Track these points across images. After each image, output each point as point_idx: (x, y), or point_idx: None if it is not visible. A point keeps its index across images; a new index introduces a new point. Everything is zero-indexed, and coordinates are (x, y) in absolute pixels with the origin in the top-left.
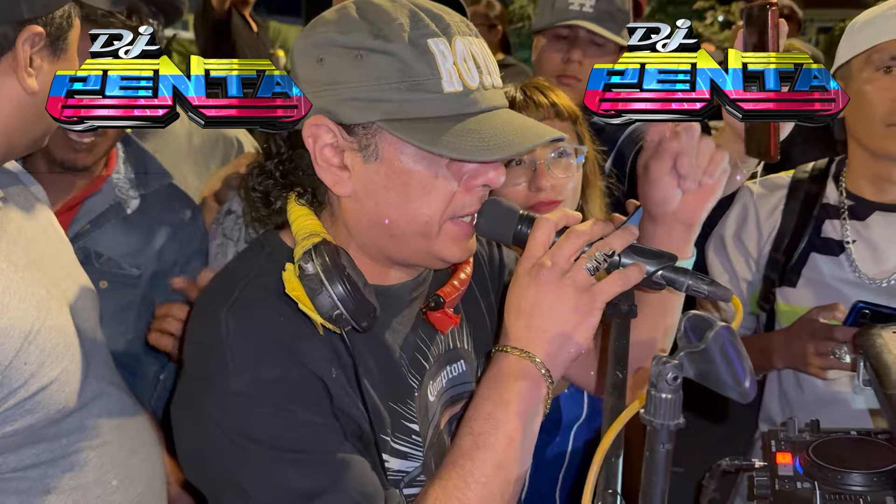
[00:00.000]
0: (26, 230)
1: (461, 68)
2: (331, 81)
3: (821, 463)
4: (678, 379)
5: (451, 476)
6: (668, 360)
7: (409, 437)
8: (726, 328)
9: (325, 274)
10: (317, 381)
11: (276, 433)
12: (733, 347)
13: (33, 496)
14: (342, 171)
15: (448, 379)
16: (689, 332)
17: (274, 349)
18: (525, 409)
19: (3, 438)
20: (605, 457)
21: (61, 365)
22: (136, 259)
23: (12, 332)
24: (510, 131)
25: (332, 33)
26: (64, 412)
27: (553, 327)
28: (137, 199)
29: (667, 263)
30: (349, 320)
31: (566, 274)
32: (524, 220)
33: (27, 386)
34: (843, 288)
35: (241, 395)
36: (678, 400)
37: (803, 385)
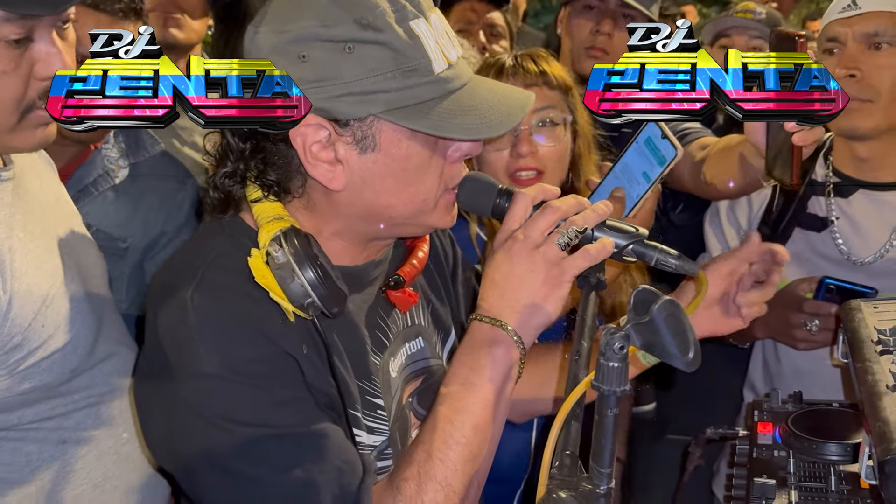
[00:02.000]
0: (40, 200)
1: (441, 45)
2: (319, 78)
3: (798, 433)
4: (624, 349)
5: (433, 439)
6: (616, 330)
7: (374, 413)
8: (670, 301)
9: (296, 262)
10: (288, 358)
11: (254, 411)
12: (677, 319)
13: (50, 445)
14: (335, 166)
15: (408, 355)
16: (637, 305)
17: (243, 330)
18: (499, 374)
19: (22, 394)
20: (565, 421)
21: (75, 327)
22: (123, 230)
23: (30, 297)
24: (500, 102)
25: (312, 28)
26: (77, 371)
27: (524, 297)
28: (126, 169)
29: (636, 239)
30: (320, 307)
31: (538, 247)
32: (503, 194)
33: (45, 346)
34: (823, 264)
35: (214, 377)
36: (624, 368)
37: (780, 356)
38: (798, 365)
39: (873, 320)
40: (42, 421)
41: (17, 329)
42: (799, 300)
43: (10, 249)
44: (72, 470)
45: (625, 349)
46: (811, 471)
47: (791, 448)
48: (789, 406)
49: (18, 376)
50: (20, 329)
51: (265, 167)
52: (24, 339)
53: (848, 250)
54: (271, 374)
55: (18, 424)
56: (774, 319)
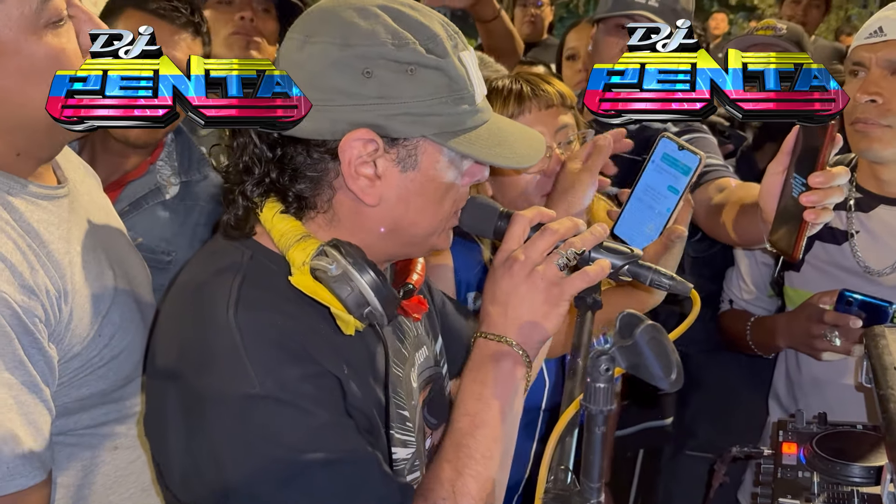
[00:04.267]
0: (91, 214)
1: (478, 78)
2: (381, 96)
3: (822, 454)
4: (610, 370)
5: (460, 455)
6: (602, 352)
7: (404, 425)
8: (652, 325)
9: (356, 269)
10: (332, 377)
11: (303, 436)
12: (659, 342)
13: (103, 451)
14: (374, 181)
15: (419, 364)
16: (622, 328)
17: (291, 348)
18: (508, 387)
19: (79, 401)
20: (560, 436)
21: (128, 337)
22: (169, 244)
23: (89, 309)
24: (521, 136)
25: (383, 47)
26: (129, 378)
27: (526, 315)
28: (177, 186)
29: (632, 259)
30: (380, 312)
31: (538, 267)
32: (503, 217)
33: (101, 355)
34: (842, 275)
35: (266, 399)
36: (611, 388)
37: (801, 366)
38: (817, 375)
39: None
40: (97, 426)
41: (77, 340)
42: (819, 312)
43: (70, 264)
44: (123, 475)
45: (610, 371)
46: (835, 492)
47: (815, 469)
48: (814, 427)
49: (77, 383)
50: (80, 340)
51: (294, 178)
52: (83, 348)
53: (866, 262)
54: (319, 395)
55: (75, 429)
56: (797, 330)
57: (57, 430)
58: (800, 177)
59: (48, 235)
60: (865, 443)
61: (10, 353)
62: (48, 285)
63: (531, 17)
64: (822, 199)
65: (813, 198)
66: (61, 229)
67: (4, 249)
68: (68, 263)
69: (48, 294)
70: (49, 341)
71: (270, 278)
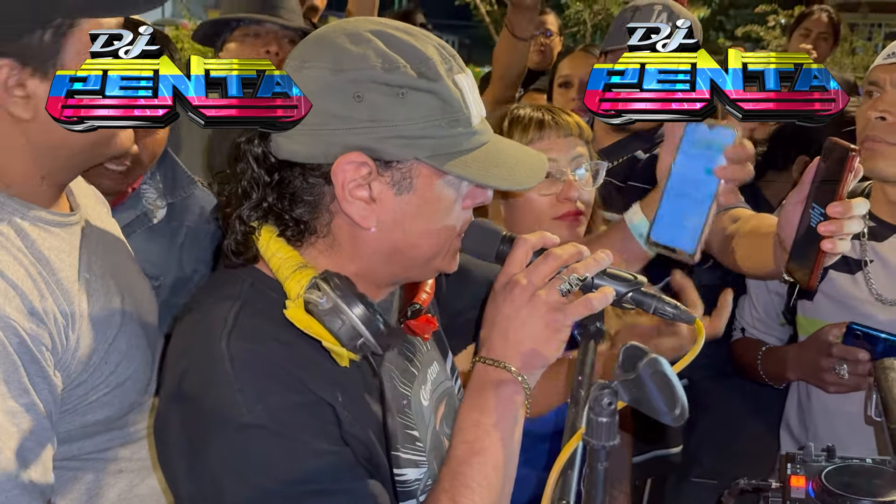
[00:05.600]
0: (101, 241)
1: (475, 101)
2: (372, 119)
3: (831, 488)
4: (612, 405)
5: (456, 485)
6: (605, 385)
7: (413, 445)
8: (655, 358)
9: (346, 303)
10: (326, 405)
11: (294, 466)
12: (663, 375)
13: (108, 475)
14: (370, 204)
15: (432, 380)
16: (624, 361)
17: (283, 377)
18: (508, 414)
19: (83, 427)
20: (562, 469)
21: (134, 364)
22: (157, 268)
23: (96, 336)
24: (522, 158)
25: (372, 71)
26: (135, 405)
27: (526, 341)
28: (164, 209)
29: (635, 287)
30: (372, 345)
31: (540, 292)
32: (506, 241)
33: (107, 382)
34: (857, 305)
35: (254, 427)
36: (613, 423)
37: (812, 396)
38: (827, 405)
39: None
40: (101, 451)
41: (82, 367)
42: (828, 345)
43: (79, 291)
44: (127, 498)
45: (613, 405)
46: None
47: (824, 503)
48: (822, 460)
49: (82, 410)
50: (86, 367)
51: (292, 203)
52: (89, 376)
53: (879, 291)
54: (311, 425)
55: (79, 455)
56: (806, 363)
57: (61, 456)
58: (819, 207)
59: (59, 263)
60: (875, 477)
61: (16, 381)
62: (56, 313)
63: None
64: (840, 229)
65: (831, 227)
66: (72, 256)
67: (16, 276)
68: (77, 291)
69: (56, 322)
70: (55, 369)
71: (268, 306)
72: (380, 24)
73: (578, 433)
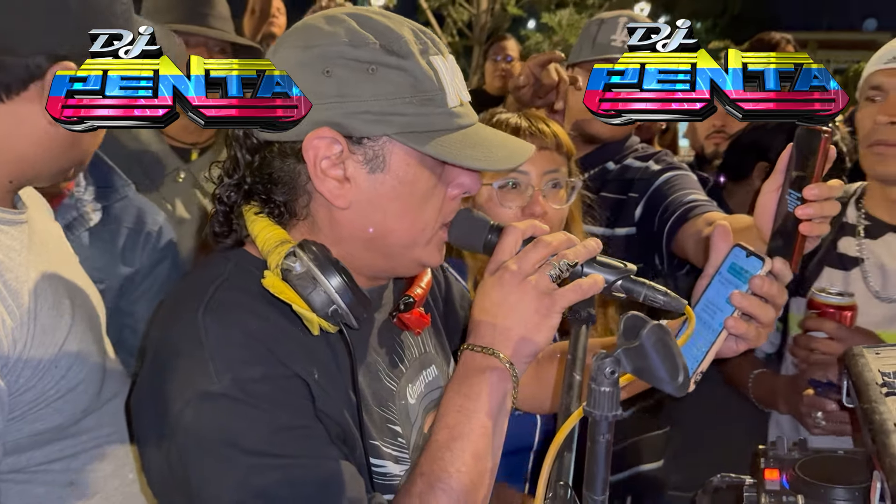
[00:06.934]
0: (46, 241)
1: (455, 84)
2: (340, 94)
3: (806, 478)
4: (615, 373)
5: (434, 469)
6: (607, 355)
7: (395, 441)
8: (659, 326)
9: (318, 268)
10: (300, 381)
11: (261, 437)
12: (665, 344)
13: (58, 487)
14: (343, 183)
15: (426, 383)
16: (626, 330)
17: (256, 348)
18: (494, 402)
19: (33, 436)
20: (558, 452)
21: (86, 367)
22: (100, 273)
23: (46, 338)
24: (504, 144)
25: (340, 46)
26: (87, 411)
27: (516, 326)
28: (100, 212)
29: (625, 274)
30: (347, 314)
31: (530, 277)
32: (494, 230)
33: (58, 387)
34: None
35: (223, 396)
36: (616, 393)
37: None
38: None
39: (877, 364)
40: (50, 462)
41: (31, 371)
42: (800, 395)
43: (28, 292)
44: None
45: (615, 374)
46: None
47: (800, 493)
48: (795, 453)
49: (31, 417)
50: (35, 371)
51: (271, 184)
52: (38, 380)
53: (877, 288)
54: (281, 397)
55: (27, 466)
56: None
57: (7, 468)
58: (795, 192)
59: (8, 262)
60: (849, 466)
61: None
62: (4, 315)
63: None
64: (819, 212)
65: (808, 210)
66: (21, 256)
67: None
68: (26, 292)
69: (3, 324)
70: (2, 373)
71: (249, 282)
72: (362, 9)
73: (577, 413)
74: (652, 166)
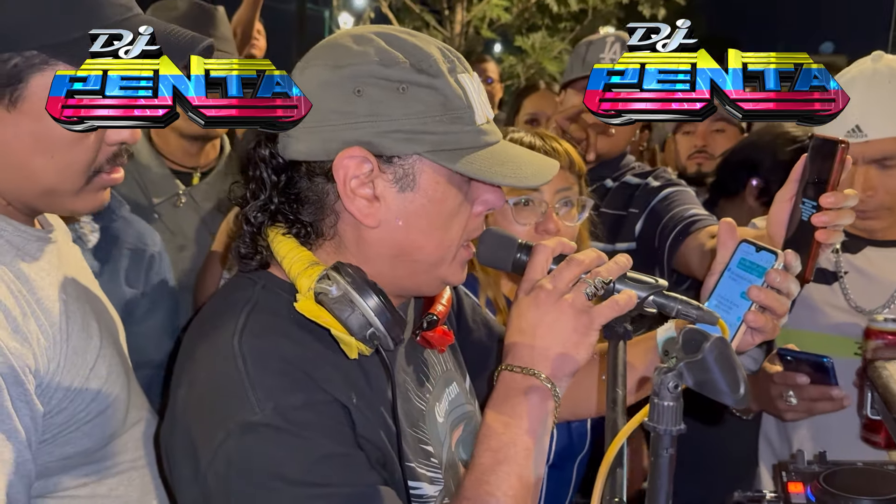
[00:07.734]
0: (72, 264)
1: (481, 102)
2: (371, 113)
3: (832, 490)
4: (678, 387)
5: (479, 493)
6: (669, 369)
7: (428, 461)
8: (721, 339)
9: (356, 290)
10: (339, 406)
11: (303, 467)
12: (727, 357)
13: None
14: (373, 202)
15: (450, 401)
16: (685, 343)
17: (294, 375)
18: (537, 422)
19: (61, 460)
20: (610, 468)
21: (115, 391)
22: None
23: (78, 361)
24: (530, 161)
25: (371, 65)
26: (114, 436)
27: (555, 346)
28: (97, 233)
29: (657, 290)
30: (385, 336)
31: (565, 296)
32: (523, 249)
33: (88, 410)
34: (834, 313)
35: (266, 427)
36: (679, 407)
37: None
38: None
39: None
40: (77, 487)
41: (63, 392)
42: (769, 375)
43: (61, 312)
44: None
45: (678, 388)
46: None
47: None
48: (815, 466)
49: (61, 441)
50: (66, 392)
51: (298, 204)
52: (70, 402)
53: (856, 301)
54: (322, 424)
55: (55, 491)
56: (760, 393)
57: (35, 493)
58: (810, 200)
59: (39, 282)
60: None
61: None
62: (38, 334)
63: None
64: (834, 219)
65: (825, 218)
66: (51, 276)
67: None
68: (58, 312)
69: (38, 343)
70: (35, 393)
71: (280, 306)
72: (388, 28)
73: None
74: (651, 182)
